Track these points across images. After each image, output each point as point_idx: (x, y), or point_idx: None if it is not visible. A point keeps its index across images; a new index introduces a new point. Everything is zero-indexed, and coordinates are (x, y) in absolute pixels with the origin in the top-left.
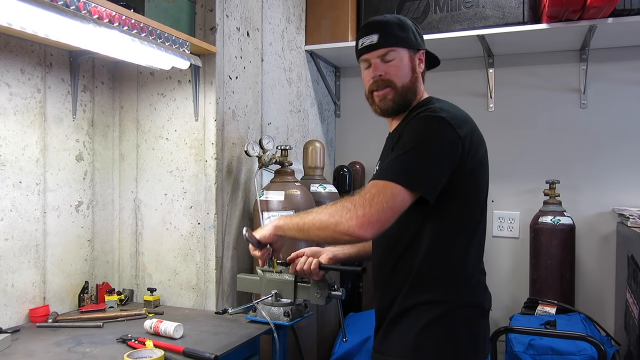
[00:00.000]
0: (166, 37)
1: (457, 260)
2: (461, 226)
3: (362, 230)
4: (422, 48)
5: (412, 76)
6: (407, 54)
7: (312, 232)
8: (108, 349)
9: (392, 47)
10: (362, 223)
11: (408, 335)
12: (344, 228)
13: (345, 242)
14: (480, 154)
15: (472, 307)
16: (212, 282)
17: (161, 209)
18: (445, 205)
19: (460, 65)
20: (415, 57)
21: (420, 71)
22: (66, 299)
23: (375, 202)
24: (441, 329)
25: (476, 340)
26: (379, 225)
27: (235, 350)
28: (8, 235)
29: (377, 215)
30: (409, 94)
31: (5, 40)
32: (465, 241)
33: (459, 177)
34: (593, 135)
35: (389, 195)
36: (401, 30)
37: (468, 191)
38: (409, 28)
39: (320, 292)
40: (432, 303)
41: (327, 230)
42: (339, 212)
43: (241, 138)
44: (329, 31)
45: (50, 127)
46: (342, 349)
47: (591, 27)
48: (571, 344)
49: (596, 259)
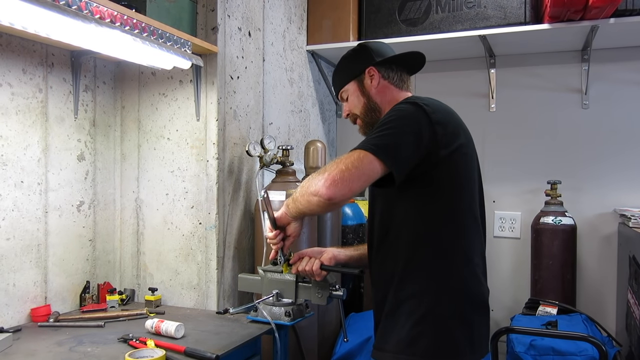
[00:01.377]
0: (168, 37)
1: (445, 250)
2: (447, 217)
3: (328, 190)
4: (364, 70)
5: (366, 98)
6: (353, 85)
7: (299, 201)
8: (109, 348)
9: (340, 89)
10: (328, 182)
11: (402, 331)
12: (314, 189)
13: (320, 206)
14: (459, 141)
15: (464, 300)
16: (213, 282)
17: (162, 208)
18: (427, 193)
19: (461, 66)
20: (364, 79)
21: (375, 85)
22: (67, 298)
23: (342, 163)
24: (434, 323)
25: (470, 336)
26: (342, 184)
27: (237, 350)
28: (10, 234)
29: (341, 174)
30: (374, 112)
31: (7, 40)
32: (453, 231)
33: (435, 162)
34: (595, 136)
35: (355, 158)
36: (342, 69)
37: (449, 179)
38: (350, 59)
39: (322, 292)
40: (423, 295)
41: (304, 195)
42: (314, 177)
43: (242, 138)
44: (331, 31)
45: (52, 126)
46: (343, 349)
47: (593, 28)
48: (572, 345)
49: (597, 260)
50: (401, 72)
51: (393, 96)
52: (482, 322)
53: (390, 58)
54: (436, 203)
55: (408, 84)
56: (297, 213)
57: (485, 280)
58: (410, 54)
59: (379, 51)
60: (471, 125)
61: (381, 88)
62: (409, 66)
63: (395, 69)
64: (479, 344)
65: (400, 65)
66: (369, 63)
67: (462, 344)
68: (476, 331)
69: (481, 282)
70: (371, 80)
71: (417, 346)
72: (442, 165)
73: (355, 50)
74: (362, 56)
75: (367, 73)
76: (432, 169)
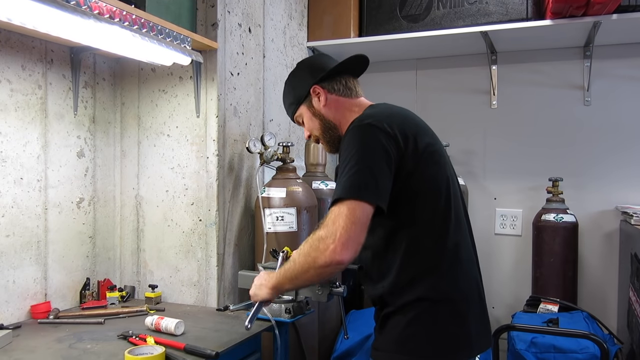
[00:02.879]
0: (167, 33)
1: (432, 250)
2: (431, 217)
3: (340, 255)
4: (308, 90)
5: (319, 118)
6: (303, 108)
7: (301, 279)
8: (109, 345)
9: (293, 115)
10: (337, 248)
11: (397, 330)
12: (323, 261)
13: (331, 273)
14: (424, 141)
15: (457, 296)
16: (213, 278)
17: (162, 205)
18: (405, 204)
19: (463, 62)
20: (312, 100)
21: (324, 102)
22: (67, 295)
23: (340, 224)
24: (428, 321)
25: (467, 332)
26: (351, 243)
27: (237, 347)
28: (9, 231)
29: (347, 235)
30: (332, 130)
31: (6, 36)
32: (434, 238)
33: (407, 173)
34: (597, 133)
35: (348, 212)
36: (288, 95)
37: (426, 181)
38: (292, 83)
39: (322, 289)
40: (416, 294)
41: (310, 270)
42: (313, 249)
43: (243, 135)
44: (331, 27)
45: (51, 123)
46: (344, 346)
47: (595, 24)
48: (574, 342)
49: (599, 257)
50: (346, 80)
51: (345, 107)
52: (477, 316)
53: (331, 70)
54: (418, 206)
55: (357, 89)
56: (294, 288)
57: (477, 272)
58: (351, 59)
59: (319, 65)
60: (472, 122)
61: (330, 103)
62: (352, 71)
63: (338, 79)
64: (476, 338)
65: (343, 73)
66: (311, 82)
67: (457, 340)
68: (472, 326)
69: (471, 276)
70: (318, 98)
71: (412, 345)
72: (415, 172)
73: (295, 72)
74: (303, 76)
75: (313, 93)
76: (407, 177)
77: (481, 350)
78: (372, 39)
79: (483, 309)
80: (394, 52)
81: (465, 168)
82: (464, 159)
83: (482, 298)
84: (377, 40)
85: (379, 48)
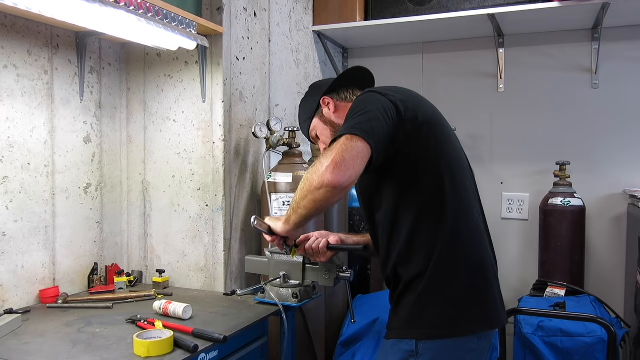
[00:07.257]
0: (173, 17)
1: (439, 223)
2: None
3: (331, 175)
4: (319, 102)
5: (331, 125)
6: (316, 121)
7: (301, 206)
8: (118, 329)
9: (309, 130)
10: (329, 167)
11: (407, 308)
12: (318, 182)
13: (326, 199)
14: (424, 114)
15: (466, 270)
16: (220, 263)
17: (169, 190)
18: (408, 170)
19: (469, 46)
20: (322, 110)
21: (333, 109)
22: (76, 280)
23: (335, 149)
24: (437, 297)
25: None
26: (344, 166)
27: (244, 331)
28: (17, 216)
29: (340, 157)
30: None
31: (12, 21)
32: (438, 212)
33: (406, 138)
34: (604, 116)
35: (344, 141)
36: (303, 113)
37: (426, 151)
38: (305, 102)
39: (329, 274)
40: (423, 270)
41: (309, 194)
42: (310, 173)
43: (249, 120)
44: (337, 11)
45: (57, 108)
46: (351, 331)
47: (604, 5)
48: (581, 326)
49: (606, 241)
50: (352, 89)
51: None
52: (494, 290)
53: (335, 81)
54: (420, 177)
55: None
56: (301, 221)
57: (489, 244)
58: (353, 69)
59: (326, 82)
60: (479, 105)
61: (340, 110)
62: (358, 84)
63: (345, 88)
64: (495, 313)
65: (349, 85)
66: (320, 95)
67: (469, 314)
68: (483, 297)
69: (482, 248)
70: (328, 107)
71: (421, 320)
72: (414, 140)
73: (305, 94)
74: (313, 94)
75: (323, 103)
76: (405, 146)
77: (499, 325)
78: (378, 23)
79: (497, 285)
80: (400, 36)
81: (472, 152)
82: (471, 143)
83: (496, 274)
84: (383, 23)
85: (385, 32)
